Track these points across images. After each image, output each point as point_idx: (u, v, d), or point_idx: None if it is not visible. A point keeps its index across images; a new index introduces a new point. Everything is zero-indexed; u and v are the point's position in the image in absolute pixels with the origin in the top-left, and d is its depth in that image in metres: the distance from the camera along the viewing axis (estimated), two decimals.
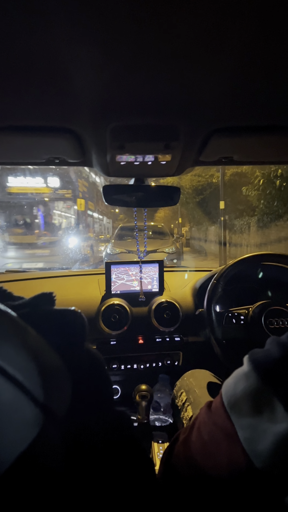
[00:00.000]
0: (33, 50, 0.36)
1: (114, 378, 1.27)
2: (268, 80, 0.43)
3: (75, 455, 0.30)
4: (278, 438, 0.33)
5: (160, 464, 0.51)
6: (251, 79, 0.43)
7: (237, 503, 0.39)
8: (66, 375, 0.32)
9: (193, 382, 0.97)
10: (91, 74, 0.40)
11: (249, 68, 0.40)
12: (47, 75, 0.40)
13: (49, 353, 0.31)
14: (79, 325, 0.39)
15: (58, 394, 0.29)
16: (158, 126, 0.54)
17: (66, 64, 0.38)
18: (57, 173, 13.46)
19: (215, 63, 0.39)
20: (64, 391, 0.31)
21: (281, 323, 0.96)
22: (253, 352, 0.40)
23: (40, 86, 0.43)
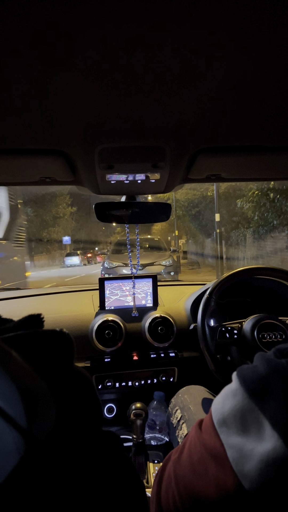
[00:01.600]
0: (24, 79, 0.37)
1: (109, 396, 1.24)
2: (249, 104, 0.45)
3: (60, 478, 0.30)
4: (264, 457, 0.32)
5: (153, 484, 0.50)
6: (233, 103, 0.44)
7: None
8: (50, 399, 0.32)
9: (187, 399, 0.96)
10: (79, 99, 0.42)
11: (231, 92, 0.42)
12: (37, 100, 0.42)
13: (34, 378, 0.31)
14: (66, 346, 0.39)
15: (41, 419, 0.29)
16: (145, 148, 0.56)
17: (55, 90, 0.39)
18: None
19: (198, 87, 0.40)
20: (48, 416, 0.30)
21: (273, 336, 0.96)
22: (241, 369, 0.40)
23: (30, 111, 0.44)
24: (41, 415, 0.29)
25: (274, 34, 0.32)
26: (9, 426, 0.25)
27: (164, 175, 0.66)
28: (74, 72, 0.36)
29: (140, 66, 0.36)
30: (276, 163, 0.66)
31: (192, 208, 14.32)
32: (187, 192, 13.72)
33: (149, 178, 0.68)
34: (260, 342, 0.95)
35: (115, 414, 1.23)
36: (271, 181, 0.82)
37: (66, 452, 0.32)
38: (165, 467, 0.48)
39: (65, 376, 0.37)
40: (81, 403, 0.38)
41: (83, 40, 0.32)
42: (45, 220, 18.86)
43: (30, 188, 16.53)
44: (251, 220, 9.23)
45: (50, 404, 0.31)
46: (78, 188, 0.83)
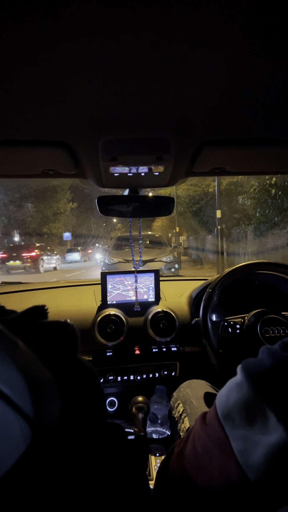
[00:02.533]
0: (28, 69, 0.37)
1: (110, 390, 1.25)
2: (255, 95, 0.44)
3: (65, 469, 0.30)
4: (270, 449, 0.33)
5: (156, 477, 0.50)
6: (239, 95, 0.44)
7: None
8: (55, 389, 0.32)
9: (189, 393, 0.96)
10: (84, 90, 0.41)
11: (237, 84, 0.41)
12: (41, 92, 0.41)
13: (39, 367, 0.31)
14: (71, 337, 0.38)
15: (47, 408, 0.29)
16: (149, 140, 0.55)
17: (60, 81, 0.39)
18: None
19: (203, 79, 0.40)
20: (53, 405, 0.30)
21: (276, 331, 0.96)
22: (246, 362, 0.40)
23: (34, 103, 0.44)
24: (46, 405, 0.29)
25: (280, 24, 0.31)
26: (16, 414, 0.25)
27: (168, 168, 0.66)
28: (78, 62, 0.36)
29: (144, 57, 0.36)
30: (282, 156, 0.65)
31: (193, 204, 14.29)
32: (188, 188, 13.68)
33: (152, 170, 0.67)
34: (263, 337, 0.95)
35: (116, 407, 1.23)
36: (276, 174, 0.82)
37: (71, 442, 0.32)
38: (168, 459, 0.49)
39: (69, 367, 0.37)
40: (86, 394, 0.38)
41: (87, 31, 0.31)
42: (46, 216, 18.85)
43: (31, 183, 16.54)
44: (252, 217, 9.22)
45: (55, 394, 0.31)
46: (81, 181, 0.82)
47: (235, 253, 10.82)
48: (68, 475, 0.30)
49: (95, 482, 0.32)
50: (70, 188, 20.22)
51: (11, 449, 0.24)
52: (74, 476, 0.30)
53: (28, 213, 17.65)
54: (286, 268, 1.05)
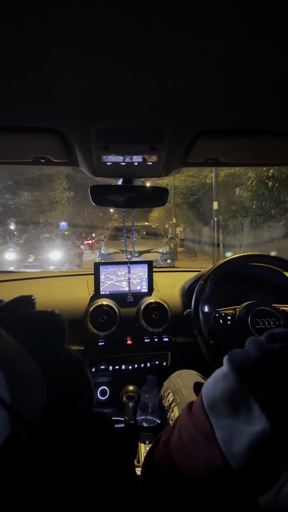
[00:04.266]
0: (18, 51, 0.36)
1: (102, 379, 1.26)
2: (251, 86, 0.43)
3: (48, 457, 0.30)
4: (253, 438, 0.33)
5: (143, 464, 0.51)
6: (234, 84, 0.43)
7: (213, 503, 0.39)
8: (40, 379, 0.31)
9: (180, 383, 0.97)
10: (76, 75, 0.40)
11: (232, 74, 0.41)
12: (32, 75, 0.40)
13: (23, 357, 0.31)
14: (58, 327, 0.38)
15: (29, 398, 0.29)
16: (143, 128, 0.54)
17: (51, 65, 0.38)
18: None
19: (198, 67, 0.39)
20: (38, 395, 0.30)
21: (267, 323, 0.97)
22: (232, 353, 0.40)
23: (25, 87, 0.43)
24: (30, 394, 0.29)
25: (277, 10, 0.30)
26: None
27: (161, 158, 0.65)
28: (70, 47, 0.35)
29: (138, 43, 0.35)
30: (277, 148, 0.65)
31: (190, 195, 14.22)
32: (185, 179, 13.58)
33: (146, 160, 0.66)
34: (253, 328, 0.96)
35: (108, 396, 1.25)
36: (270, 166, 0.81)
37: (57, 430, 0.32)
38: (155, 447, 0.49)
39: (56, 357, 0.36)
40: (73, 384, 0.38)
41: (81, 14, 0.30)
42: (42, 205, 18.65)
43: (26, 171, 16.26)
44: (249, 209, 9.21)
45: (40, 384, 0.31)
46: (74, 170, 0.81)
47: (231, 245, 10.85)
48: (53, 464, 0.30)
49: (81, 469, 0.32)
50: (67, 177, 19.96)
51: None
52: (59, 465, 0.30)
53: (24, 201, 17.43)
54: (278, 261, 1.05)
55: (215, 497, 0.39)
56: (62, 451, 0.32)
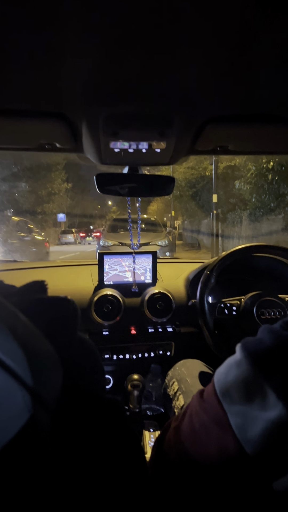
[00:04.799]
0: (26, 33, 0.35)
1: (106, 368, 1.27)
2: (262, 69, 0.43)
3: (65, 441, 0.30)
4: (269, 424, 0.34)
5: (152, 450, 0.51)
6: (245, 69, 0.42)
7: (227, 488, 0.40)
8: (57, 362, 0.31)
9: (185, 372, 0.98)
10: (85, 59, 0.39)
11: (244, 58, 0.40)
12: (40, 58, 0.39)
13: (40, 340, 0.31)
14: (71, 313, 0.38)
15: (48, 381, 0.29)
16: (152, 114, 0.53)
17: (59, 48, 0.37)
18: None
19: (209, 51, 0.38)
20: (55, 378, 0.30)
21: (272, 313, 0.97)
22: (245, 341, 0.40)
23: (32, 70, 0.42)
24: (47, 376, 0.29)
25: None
26: (18, 384, 0.25)
27: (170, 145, 0.64)
28: (78, 28, 0.34)
29: (148, 28, 0.34)
30: (286, 134, 0.64)
31: (189, 188, 14.15)
32: (185, 171, 13.49)
33: (153, 147, 0.65)
34: (259, 319, 0.96)
35: (112, 385, 1.26)
36: (280, 154, 0.80)
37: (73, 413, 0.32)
38: (164, 433, 0.50)
39: (71, 342, 0.36)
40: (87, 369, 0.38)
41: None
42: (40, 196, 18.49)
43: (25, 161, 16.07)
44: (248, 202, 9.19)
45: (56, 367, 0.31)
46: (79, 157, 0.80)
47: (230, 238, 10.86)
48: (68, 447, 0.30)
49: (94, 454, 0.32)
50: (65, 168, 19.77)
51: (15, 418, 0.24)
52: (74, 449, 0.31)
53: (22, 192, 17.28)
54: (282, 251, 1.05)
55: (227, 482, 0.39)
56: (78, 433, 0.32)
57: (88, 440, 0.33)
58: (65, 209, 24.30)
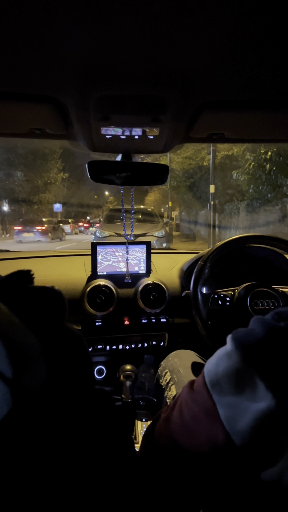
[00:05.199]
0: (14, 12, 0.33)
1: (99, 358, 1.27)
2: (260, 52, 0.41)
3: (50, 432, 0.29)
4: (258, 415, 0.33)
5: (141, 440, 0.51)
6: (242, 51, 0.40)
7: (215, 478, 0.40)
8: (40, 353, 0.31)
9: (177, 362, 0.98)
10: (74, 38, 0.37)
11: (241, 40, 0.38)
12: (27, 38, 0.37)
13: (22, 332, 0.30)
14: (58, 303, 0.37)
15: (30, 373, 0.28)
16: (145, 97, 0.51)
17: (47, 26, 0.35)
18: None
19: (205, 32, 0.36)
20: (38, 371, 0.30)
21: (265, 304, 0.97)
22: (236, 332, 0.40)
23: (19, 49, 0.39)
24: (29, 369, 0.28)
25: None
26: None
27: (163, 131, 0.62)
28: (68, 7, 0.32)
29: (141, 5, 0.32)
30: (286, 122, 0.62)
31: (186, 178, 14.07)
32: (182, 161, 13.38)
33: (147, 134, 0.63)
34: (252, 309, 0.96)
35: (105, 375, 1.26)
36: (277, 142, 0.78)
37: (57, 407, 0.31)
38: (154, 424, 0.49)
39: (56, 333, 0.36)
40: (73, 360, 0.38)
41: None
42: (36, 186, 18.31)
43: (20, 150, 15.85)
44: (245, 193, 9.17)
45: (40, 359, 0.30)
46: (71, 144, 0.77)
47: (227, 229, 10.87)
48: (53, 440, 0.29)
49: (80, 444, 0.32)
50: (61, 157, 19.55)
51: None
52: (59, 440, 0.30)
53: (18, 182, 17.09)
54: (278, 241, 1.04)
55: (215, 472, 0.39)
56: (63, 425, 0.31)
57: (74, 430, 0.32)
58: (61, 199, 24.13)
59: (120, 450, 0.38)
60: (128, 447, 0.40)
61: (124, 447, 0.40)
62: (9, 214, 19.44)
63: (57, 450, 0.29)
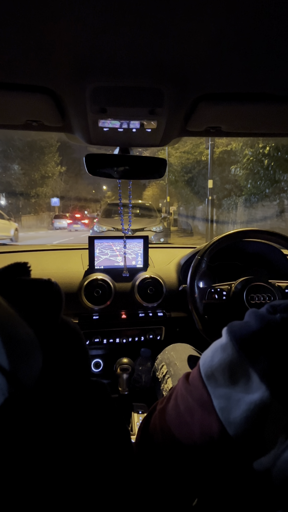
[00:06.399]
0: (7, 2, 0.32)
1: (96, 352, 1.28)
2: (258, 45, 0.40)
3: (46, 424, 0.30)
4: (251, 406, 0.34)
5: (137, 432, 0.52)
6: (240, 43, 0.40)
7: (209, 468, 0.41)
8: (37, 345, 0.31)
9: (174, 355, 0.99)
10: (71, 28, 0.37)
11: (238, 33, 0.38)
12: (23, 27, 0.36)
13: (18, 323, 0.30)
14: (54, 295, 0.37)
15: (26, 364, 0.28)
16: (142, 89, 0.51)
17: (43, 16, 0.34)
18: None
19: (203, 22, 0.36)
20: (34, 362, 0.30)
21: (262, 298, 0.98)
22: (231, 324, 0.40)
23: (14, 39, 0.39)
24: (26, 360, 0.28)
25: None
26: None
27: (161, 124, 0.62)
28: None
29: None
30: (284, 115, 0.61)
31: (185, 173, 14.01)
32: (180, 155, 13.32)
33: (144, 126, 0.63)
34: (248, 304, 0.96)
35: (102, 368, 1.27)
36: (275, 136, 0.78)
37: (53, 399, 0.31)
38: (150, 416, 0.50)
39: (52, 325, 0.36)
40: (69, 352, 0.38)
41: None
42: (33, 179, 18.16)
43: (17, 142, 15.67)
44: (243, 188, 9.16)
45: (36, 350, 0.30)
46: (68, 137, 0.77)
47: (225, 224, 10.88)
48: (50, 430, 0.30)
49: (76, 435, 0.32)
50: (59, 150, 19.37)
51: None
52: (55, 431, 0.30)
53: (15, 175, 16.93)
54: (274, 236, 1.05)
55: (210, 463, 0.40)
56: (59, 416, 0.31)
57: (71, 422, 0.33)
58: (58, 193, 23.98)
59: (116, 441, 0.39)
60: (124, 439, 0.41)
61: (121, 438, 0.40)
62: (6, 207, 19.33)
63: (53, 441, 0.30)
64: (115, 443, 0.38)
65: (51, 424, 0.30)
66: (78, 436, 0.33)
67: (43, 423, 0.29)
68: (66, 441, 0.31)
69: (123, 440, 0.41)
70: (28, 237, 12.57)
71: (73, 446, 0.31)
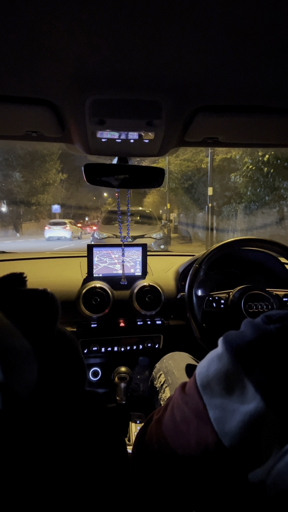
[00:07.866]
0: (9, 15, 0.33)
1: (94, 360, 1.27)
2: (256, 59, 0.41)
3: (41, 435, 0.30)
4: (246, 417, 0.34)
5: (134, 442, 0.52)
6: (236, 58, 0.41)
7: (204, 479, 0.40)
8: (32, 356, 0.31)
9: (172, 364, 0.98)
10: (70, 43, 0.38)
11: (236, 45, 0.39)
12: (24, 42, 0.37)
13: (13, 334, 0.30)
14: (50, 306, 0.37)
15: (20, 375, 0.28)
16: (140, 102, 0.52)
17: (44, 31, 0.35)
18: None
19: (200, 37, 0.37)
20: (29, 372, 0.30)
21: (260, 307, 0.98)
22: (227, 334, 0.40)
23: (15, 53, 0.40)
24: (20, 371, 0.28)
25: None
26: None
27: (158, 135, 0.63)
28: (64, 11, 0.33)
29: (135, 11, 0.32)
30: (280, 127, 0.62)
31: (185, 181, 14.10)
32: (180, 163, 13.42)
33: (142, 137, 0.64)
34: (246, 312, 0.96)
35: (100, 377, 1.26)
36: (271, 147, 0.79)
37: (49, 409, 0.31)
38: (147, 426, 0.50)
39: (48, 336, 0.36)
40: (65, 362, 0.38)
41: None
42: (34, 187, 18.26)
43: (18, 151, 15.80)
44: (243, 196, 9.20)
45: (31, 361, 0.30)
46: (67, 147, 0.78)
47: (225, 231, 10.90)
48: (45, 440, 0.30)
49: (72, 446, 0.32)
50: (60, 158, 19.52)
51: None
52: (51, 442, 0.30)
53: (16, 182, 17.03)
54: (272, 245, 1.05)
55: (206, 474, 0.40)
56: (54, 428, 0.31)
57: (66, 432, 0.32)
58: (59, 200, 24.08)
59: (111, 452, 0.38)
60: (119, 449, 0.40)
61: (115, 449, 0.40)
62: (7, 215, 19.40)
63: (48, 451, 0.30)
64: (109, 454, 0.38)
65: (45, 435, 0.30)
66: (73, 446, 0.32)
67: (38, 434, 0.29)
68: (60, 452, 0.31)
69: (118, 451, 0.40)
70: (27, 247, 12.52)
71: (68, 457, 0.31)
